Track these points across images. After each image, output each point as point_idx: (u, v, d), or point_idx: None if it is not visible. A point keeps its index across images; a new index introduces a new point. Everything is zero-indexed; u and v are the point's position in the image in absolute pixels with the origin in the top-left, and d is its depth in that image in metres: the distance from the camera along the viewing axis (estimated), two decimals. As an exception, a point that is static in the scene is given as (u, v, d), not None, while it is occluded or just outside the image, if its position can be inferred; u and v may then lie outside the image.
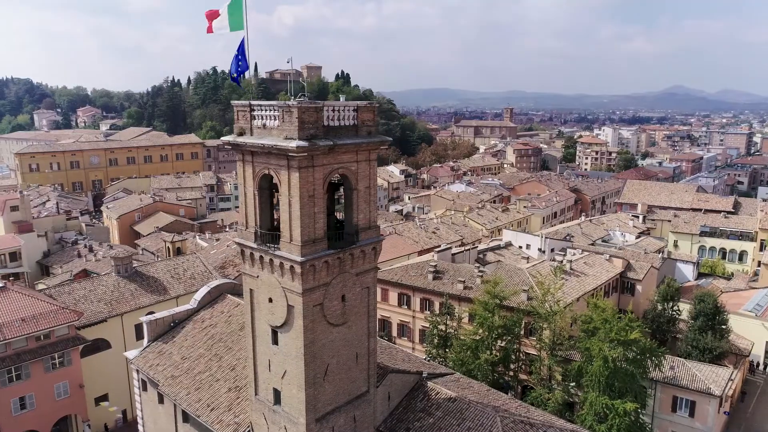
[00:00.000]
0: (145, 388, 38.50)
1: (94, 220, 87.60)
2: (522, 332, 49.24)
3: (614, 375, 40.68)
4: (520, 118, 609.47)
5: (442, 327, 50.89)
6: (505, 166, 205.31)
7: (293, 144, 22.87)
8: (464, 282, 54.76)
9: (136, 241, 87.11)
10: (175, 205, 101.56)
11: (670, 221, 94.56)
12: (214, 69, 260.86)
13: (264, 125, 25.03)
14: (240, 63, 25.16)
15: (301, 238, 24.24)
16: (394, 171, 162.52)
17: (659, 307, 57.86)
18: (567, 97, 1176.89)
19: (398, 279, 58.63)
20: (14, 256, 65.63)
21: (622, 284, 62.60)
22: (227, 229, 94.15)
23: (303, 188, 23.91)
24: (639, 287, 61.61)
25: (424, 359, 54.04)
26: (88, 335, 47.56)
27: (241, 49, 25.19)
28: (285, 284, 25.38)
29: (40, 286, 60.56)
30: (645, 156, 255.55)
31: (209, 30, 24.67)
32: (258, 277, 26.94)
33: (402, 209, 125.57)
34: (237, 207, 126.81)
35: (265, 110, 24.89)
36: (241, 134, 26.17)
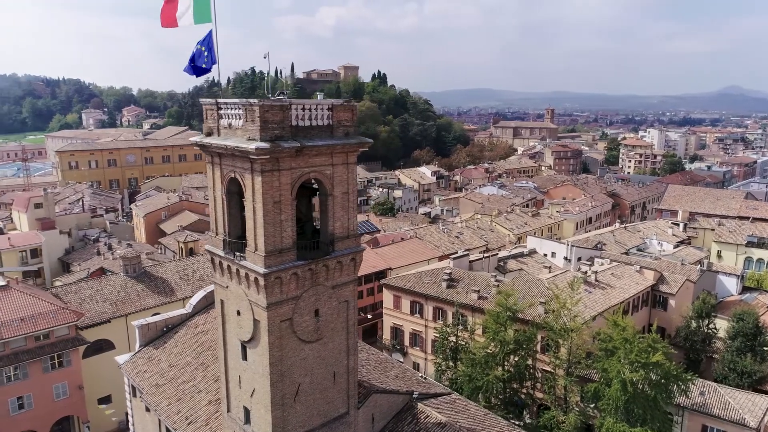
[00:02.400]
0: (135, 394, 37.52)
1: (119, 218, 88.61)
2: (537, 348, 46.15)
3: (634, 400, 37.25)
4: (563, 119, 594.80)
5: (453, 339, 48.25)
6: (543, 168, 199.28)
7: (252, 146, 20.93)
8: (479, 292, 51.86)
9: (159, 240, 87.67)
10: (201, 204, 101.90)
11: (713, 230, 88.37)
12: (253, 69, 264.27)
13: (230, 125, 23.23)
14: (206, 57, 23.36)
15: (265, 247, 22.28)
16: (425, 172, 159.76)
17: (693, 324, 53.47)
18: (613, 97, 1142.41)
19: (411, 286, 56.23)
20: (35, 252, 66.55)
21: (654, 298, 58.27)
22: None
23: (267, 194, 21.94)
24: (672, 302, 57.17)
25: (433, 371, 51.60)
26: (92, 336, 47.24)
27: (208, 43, 23.42)
28: (251, 297, 23.51)
29: (57, 283, 61.07)
30: (693, 159, 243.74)
31: (168, 22, 22.92)
32: (227, 287, 25.17)
33: (430, 212, 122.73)
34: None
35: (231, 108, 23.10)
36: (209, 134, 24.48)
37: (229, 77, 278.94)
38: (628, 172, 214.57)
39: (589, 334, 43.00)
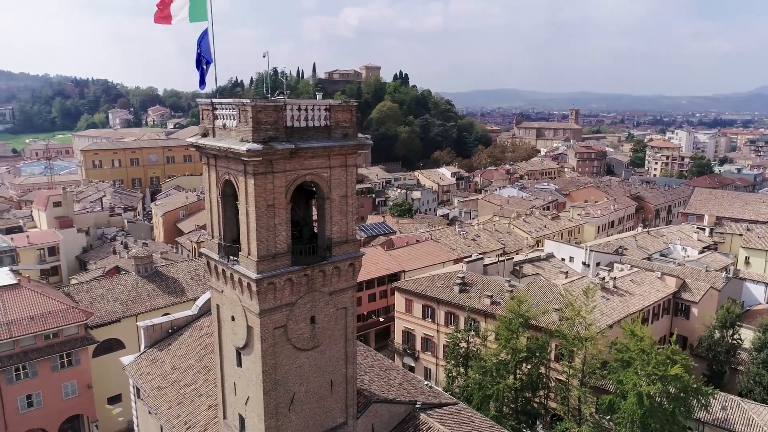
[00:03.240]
0: (139, 396, 37.33)
1: (137, 217, 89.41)
2: (552, 356, 44.70)
3: (651, 414, 35.60)
4: (588, 120, 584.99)
5: (464, 345, 47.07)
6: (566, 170, 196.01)
7: (244, 147, 20.26)
8: (492, 297, 50.59)
9: (177, 239, 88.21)
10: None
11: (741, 235, 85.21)
12: (275, 70, 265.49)
13: (224, 126, 22.61)
14: (203, 60, 22.77)
15: (258, 252, 21.61)
16: (445, 173, 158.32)
17: (717, 334, 51.32)
18: (641, 98, 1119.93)
19: (423, 290, 55.20)
20: (53, 250, 67.35)
21: (675, 306, 56.17)
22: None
23: (260, 197, 21.27)
24: (694, 310, 55.01)
25: (444, 378, 50.47)
26: (102, 335, 47.35)
27: (204, 44, 22.84)
28: (245, 302, 22.87)
29: (73, 281, 61.66)
30: (723, 162, 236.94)
31: (162, 18, 22.37)
32: (222, 292, 24.59)
33: (448, 213, 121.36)
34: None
35: (226, 109, 22.47)
36: (204, 135, 23.93)
37: (252, 77, 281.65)
38: (654, 175, 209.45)
39: (605, 343, 41.42)
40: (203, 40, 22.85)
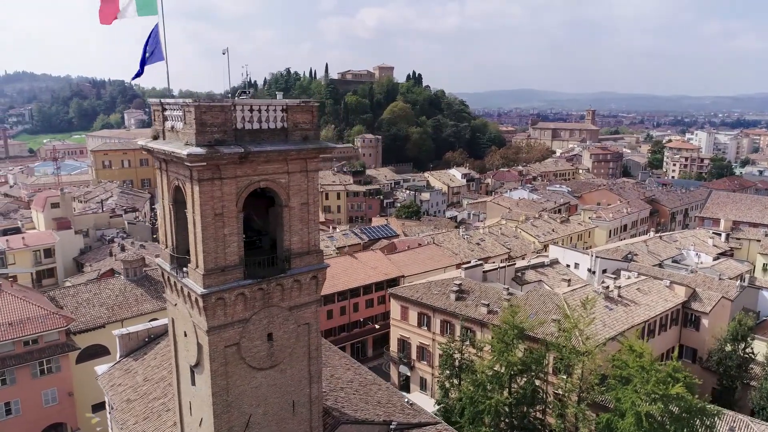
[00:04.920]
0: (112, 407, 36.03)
1: (138, 218, 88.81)
2: (549, 369, 42.43)
3: (650, 435, 33.28)
4: (607, 120, 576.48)
5: (457, 355, 45.02)
6: (581, 171, 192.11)
7: (185, 151, 18.62)
8: (488, 305, 48.45)
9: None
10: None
11: (759, 241, 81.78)
12: (288, 70, 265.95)
13: (173, 127, 21.02)
14: (150, 54, 21.22)
15: (205, 265, 19.96)
16: (455, 174, 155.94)
17: (728, 347, 48.55)
18: (663, 98, 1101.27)
19: (418, 297, 53.23)
20: (49, 252, 66.74)
21: (685, 316, 53.42)
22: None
23: (206, 205, 19.62)
24: (705, 321, 52.21)
25: (437, 389, 48.45)
26: (86, 341, 46.27)
27: (154, 39, 21.28)
28: (195, 318, 21.25)
29: (67, 284, 60.90)
30: (745, 163, 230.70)
31: (108, 16, 20.84)
32: (176, 305, 23.01)
33: (457, 215, 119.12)
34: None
35: (174, 109, 20.87)
36: (155, 137, 22.35)
37: (265, 78, 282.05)
38: (673, 177, 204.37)
39: (604, 358, 39.08)
40: (153, 34, 21.33)
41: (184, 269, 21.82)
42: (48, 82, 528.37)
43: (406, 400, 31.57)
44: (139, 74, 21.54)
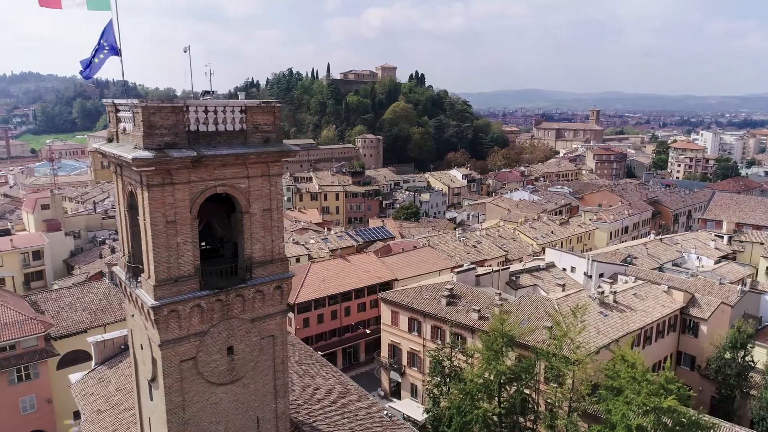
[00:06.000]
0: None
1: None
2: (541, 378, 41.08)
3: (641, 449, 31.93)
4: (613, 120, 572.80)
5: (446, 363, 43.78)
6: (584, 172, 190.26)
7: (130, 155, 17.50)
8: (479, 311, 47.16)
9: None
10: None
11: (762, 243, 79.96)
12: (290, 70, 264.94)
13: (125, 129, 19.91)
14: (104, 51, 20.10)
15: (156, 276, 18.82)
16: (456, 175, 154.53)
17: (727, 355, 47.05)
18: (670, 98, 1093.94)
19: (409, 302, 51.99)
20: (37, 254, 65.94)
21: (683, 322, 51.94)
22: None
23: (157, 211, 18.48)
24: (703, 327, 50.73)
25: (427, 397, 47.21)
26: (67, 346, 45.32)
27: (108, 35, 20.16)
28: (149, 331, 20.12)
29: (54, 287, 60.10)
30: (751, 164, 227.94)
31: (50, 2, 19.69)
32: (133, 316, 21.92)
33: (456, 217, 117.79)
34: (289, 208, 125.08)
35: (125, 110, 19.75)
36: (110, 140, 21.25)
37: (268, 78, 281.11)
38: (677, 177, 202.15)
39: (595, 367, 37.72)
40: (107, 30, 20.22)
41: (139, 279, 20.72)
42: (54, 82, 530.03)
43: (385, 412, 30.36)
44: (87, 75, 20.38)
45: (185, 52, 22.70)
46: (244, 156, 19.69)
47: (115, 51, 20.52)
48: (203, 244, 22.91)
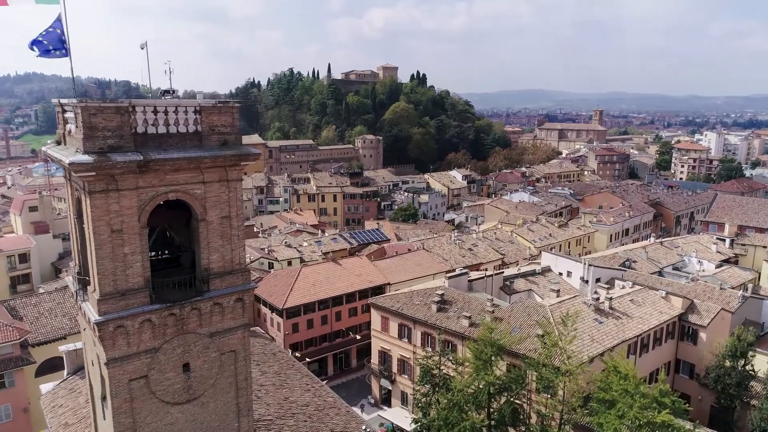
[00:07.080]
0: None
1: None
2: (532, 387, 39.59)
3: (634, 465, 30.50)
4: (617, 121, 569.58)
5: (436, 371, 42.32)
6: (586, 173, 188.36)
7: (67, 160, 16.18)
8: (470, 318, 45.73)
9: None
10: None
11: (765, 247, 78.23)
12: (291, 70, 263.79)
13: (70, 131, 18.59)
14: (54, 42, 18.80)
15: (101, 289, 17.48)
16: (456, 176, 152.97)
17: (727, 364, 45.47)
18: (675, 98, 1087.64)
19: (399, 308, 50.59)
20: (24, 257, 64.84)
21: (682, 329, 50.36)
22: (260, 235, 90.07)
23: (100, 220, 17.15)
24: (703, 335, 49.14)
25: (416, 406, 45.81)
26: (46, 353, 44.07)
27: (57, 28, 18.86)
28: (97, 348, 18.80)
29: (41, 290, 58.93)
30: (755, 165, 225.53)
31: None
32: (85, 330, 20.61)
33: (454, 219, 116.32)
34: (285, 210, 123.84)
35: (70, 111, 18.44)
36: (58, 142, 19.95)
37: (269, 78, 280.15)
38: (681, 178, 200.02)
39: (587, 378, 36.24)
40: (54, 26, 18.92)
41: (86, 292, 19.41)
42: (57, 82, 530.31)
43: (364, 426, 28.96)
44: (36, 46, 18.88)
45: (142, 48, 21.33)
46: (198, 160, 18.33)
47: (64, 49, 19.23)
48: (161, 253, 21.65)
